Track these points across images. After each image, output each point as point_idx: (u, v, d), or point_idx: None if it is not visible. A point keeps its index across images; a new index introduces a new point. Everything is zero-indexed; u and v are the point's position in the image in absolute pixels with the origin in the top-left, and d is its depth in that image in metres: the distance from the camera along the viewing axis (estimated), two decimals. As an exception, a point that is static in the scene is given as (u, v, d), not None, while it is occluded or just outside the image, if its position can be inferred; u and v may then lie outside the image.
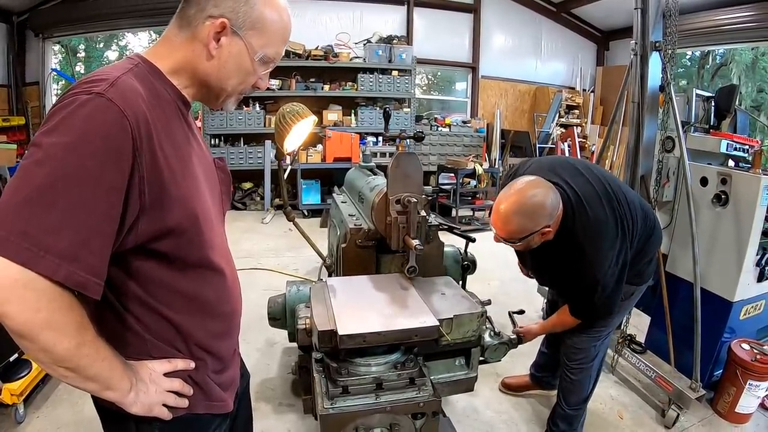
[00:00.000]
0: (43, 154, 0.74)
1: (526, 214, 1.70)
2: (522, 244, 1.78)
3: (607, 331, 2.16)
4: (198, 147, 1.04)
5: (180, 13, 0.94)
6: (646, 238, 2.00)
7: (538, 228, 1.72)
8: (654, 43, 2.67)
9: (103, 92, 0.77)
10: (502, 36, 8.72)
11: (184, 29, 0.93)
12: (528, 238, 1.74)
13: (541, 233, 1.73)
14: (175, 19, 0.95)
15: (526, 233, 1.72)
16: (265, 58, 0.99)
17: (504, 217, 1.73)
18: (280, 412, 2.55)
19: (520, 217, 1.71)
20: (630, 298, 2.15)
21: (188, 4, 0.93)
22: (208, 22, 0.91)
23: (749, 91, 11.31)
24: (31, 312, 0.72)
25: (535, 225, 1.71)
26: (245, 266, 4.67)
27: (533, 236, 1.74)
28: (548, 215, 1.71)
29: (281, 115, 1.79)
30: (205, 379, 1.05)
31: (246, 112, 7.03)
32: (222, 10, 0.91)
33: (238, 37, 0.93)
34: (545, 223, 1.72)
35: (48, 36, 7.28)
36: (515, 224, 1.72)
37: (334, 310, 1.47)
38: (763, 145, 3.10)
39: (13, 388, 2.26)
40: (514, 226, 1.72)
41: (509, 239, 1.77)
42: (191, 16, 0.92)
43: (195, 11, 0.92)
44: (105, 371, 0.84)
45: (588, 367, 2.21)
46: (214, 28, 0.91)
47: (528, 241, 1.77)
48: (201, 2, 0.91)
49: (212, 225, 1.00)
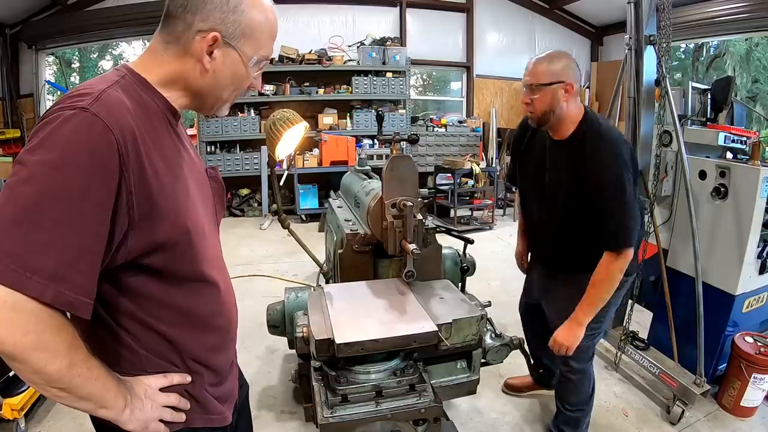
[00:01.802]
0: (27, 173, 0.72)
1: (554, 58, 1.84)
2: (546, 96, 1.83)
3: (602, 327, 2.13)
4: (189, 157, 1.03)
5: (165, 29, 0.92)
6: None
7: (562, 77, 1.80)
8: (648, 37, 2.66)
9: (88, 107, 0.76)
10: (495, 34, 8.70)
11: (173, 45, 0.91)
12: (553, 87, 1.81)
13: (564, 89, 1.81)
14: (159, 33, 0.93)
15: (553, 79, 1.80)
16: (258, 60, 0.98)
17: (533, 62, 1.87)
18: (282, 420, 2.53)
19: (548, 61, 1.83)
20: (620, 289, 2.05)
21: (173, 21, 0.90)
22: (199, 37, 0.89)
23: (744, 82, 11.32)
24: (19, 334, 0.71)
25: (561, 72, 1.81)
26: (244, 273, 4.66)
27: (557, 88, 1.81)
28: (573, 71, 1.83)
29: (272, 122, 1.78)
30: (202, 392, 1.03)
31: (241, 118, 7.03)
32: (211, 23, 0.89)
33: (230, 47, 0.92)
34: (570, 77, 1.81)
35: (41, 48, 7.26)
36: (544, 66, 1.83)
37: (331, 318, 1.45)
38: (761, 136, 3.08)
39: (14, 402, 2.24)
40: (543, 67, 1.83)
41: (535, 82, 1.84)
42: (179, 33, 0.90)
43: (182, 28, 0.90)
44: (98, 390, 0.83)
45: (586, 367, 2.18)
46: (206, 42, 0.89)
47: (552, 95, 1.82)
48: (187, 18, 0.89)
49: (205, 237, 0.99)
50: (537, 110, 1.87)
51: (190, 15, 0.89)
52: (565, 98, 1.83)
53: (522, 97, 1.94)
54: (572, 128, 1.88)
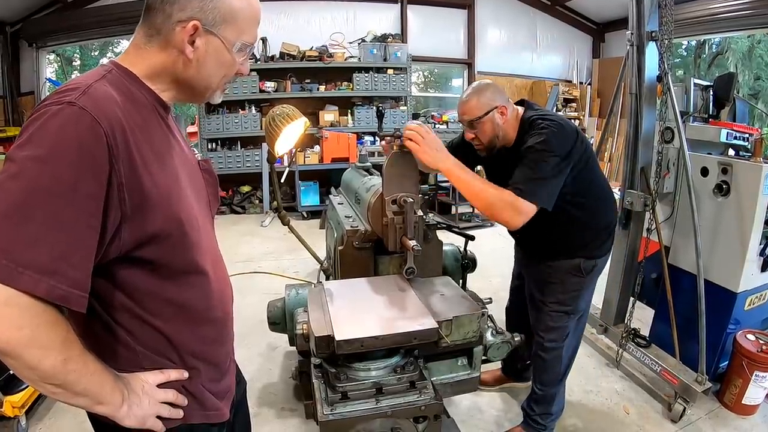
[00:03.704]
0: (17, 168, 0.72)
1: (481, 90, 1.94)
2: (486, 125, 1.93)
3: (575, 308, 2.15)
4: (180, 149, 1.02)
5: (146, 22, 0.91)
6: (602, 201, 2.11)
7: (494, 104, 1.91)
8: (650, 33, 2.65)
9: (75, 101, 0.76)
10: (497, 31, 8.67)
11: (154, 38, 0.91)
12: (489, 115, 1.91)
13: (500, 112, 1.92)
14: (141, 26, 0.92)
15: (487, 109, 1.91)
16: (242, 47, 0.97)
17: (464, 100, 1.97)
18: (283, 417, 2.54)
19: (476, 95, 1.93)
20: (592, 271, 2.12)
21: (153, 13, 0.90)
22: (179, 28, 0.89)
23: (746, 79, 11.26)
24: (13, 329, 0.71)
25: (491, 100, 1.91)
26: (245, 270, 4.66)
27: (493, 113, 1.91)
28: (499, 94, 1.95)
29: (271, 118, 1.77)
30: (199, 388, 1.03)
31: (242, 115, 7.02)
32: (189, 12, 0.88)
33: (212, 34, 0.91)
34: (499, 101, 1.92)
35: (42, 45, 7.25)
36: (474, 100, 1.93)
37: (331, 315, 1.45)
38: (763, 133, 3.06)
39: (15, 400, 2.24)
40: (473, 102, 1.93)
41: (472, 118, 1.93)
42: (159, 24, 0.90)
43: (162, 19, 0.89)
44: (94, 386, 0.83)
45: (560, 347, 2.20)
46: (186, 32, 0.89)
47: (491, 122, 1.92)
48: (166, 9, 0.88)
49: (198, 228, 0.98)
50: (483, 141, 1.99)
51: (168, 6, 0.88)
52: (503, 120, 1.95)
53: (466, 135, 2.05)
54: (515, 133, 1.99)
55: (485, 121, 1.93)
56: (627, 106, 2.89)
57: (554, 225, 1.98)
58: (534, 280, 2.24)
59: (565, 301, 2.13)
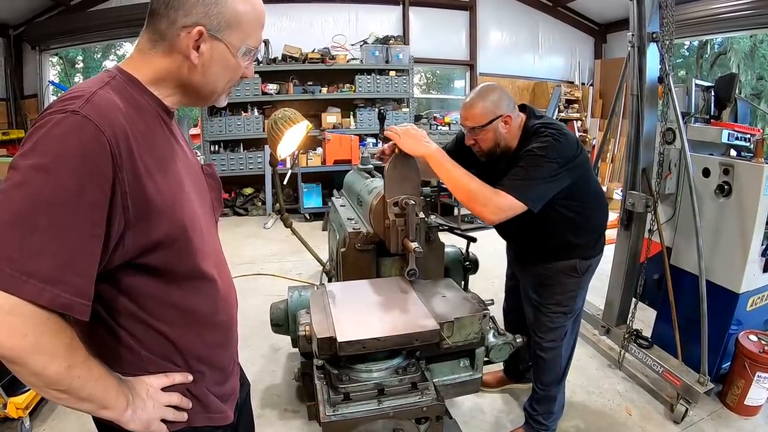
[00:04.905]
0: (21, 177, 0.73)
1: (486, 95, 1.89)
2: (489, 133, 1.90)
3: (572, 309, 2.17)
4: (183, 155, 1.03)
5: (149, 27, 0.92)
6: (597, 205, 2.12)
7: (499, 112, 1.87)
8: (651, 34, 2.65)
9: (78, 109, 0.76)
10: (498, 32, 8.68)
11: (159, 43, 0.91)
12: (493, 124, 1.88)
13: (503, 121, 1.88)
14: (145, 31, 0.93)
15: (491, 117, 1.87)
16: (247, 51, 0.97)
17: (468, 104, 1.92)
18: (286, 418, 2.54)
19: (481, 101, 1.89)
20: (588, 270, 2.15)
21: (157, 18, 0.90)
22: (183, 33, 0.89)
23: (749, 80, 11.22)
24: (18, 337, 0.71)
25: (495, 107, 1.87)
26: (248, 272, 4.67)
27: (497, 122, 1.88)
28: (505, 101, 1.90)
29: (273, 121, 1.78)
30: (203, 391, 1.04)
31: (245, 117, 7.04)
32: (194, 17, 0.88)
33: (216, 40, 0.92)
34: (504, 109, 1.88)
35: (45, 48, 7.29)
36: (479, 107, 1.89)
37: (333, 317, 1.45)
38: (765, 134, 3.05)
39: (18, 401, 2.25)
40: (478, 109, 1.89)
41: (475, 125, 1.90)
42: (163, 30, 0.90)
43: (166, 25, 0.89)
44: (99, 391, 0.83)
45: (559, 346, 2.21)
46: (191, 38, 0.89)
47: (493, 132, 1.89)
48: (170, 15, 0.89)
49: (202, 233, 0.99)
50: (483, 148, 1.97)
51: (173, 11, 0.88)
52: (506, 129, 1.92)
53: (466, 140, 2.01)
54: (516, 142, 1.96)
55: (488, 130, 1.90)
56: (629, 107, 2.89)
57: (551, 228, 2.00)
58: (531, 283, 2.24)
59: (564, 302, 2.14)
